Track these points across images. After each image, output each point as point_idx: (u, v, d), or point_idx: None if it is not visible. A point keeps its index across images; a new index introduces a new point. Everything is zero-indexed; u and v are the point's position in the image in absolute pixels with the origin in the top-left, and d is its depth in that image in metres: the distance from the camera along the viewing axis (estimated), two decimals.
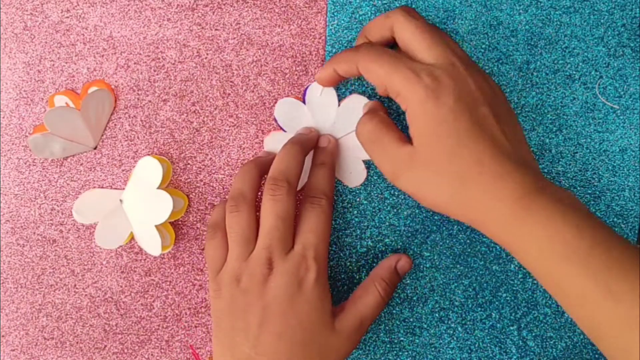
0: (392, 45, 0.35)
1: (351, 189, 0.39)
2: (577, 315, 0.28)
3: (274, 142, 0.38)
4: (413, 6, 0.38)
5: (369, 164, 0.38)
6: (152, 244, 0.37)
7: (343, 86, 0.38)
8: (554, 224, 0.28)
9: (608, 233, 0.28)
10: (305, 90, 0.38)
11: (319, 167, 0.36)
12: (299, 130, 0.38)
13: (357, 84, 0.38)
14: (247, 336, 0.32)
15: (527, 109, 0.39)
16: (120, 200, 0.37)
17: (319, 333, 0.33)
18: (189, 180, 0.39)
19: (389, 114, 0.37)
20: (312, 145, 0.37)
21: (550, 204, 0.28)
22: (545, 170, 0.39)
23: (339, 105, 0.38)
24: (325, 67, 0.35)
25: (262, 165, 0.36)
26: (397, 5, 0.38)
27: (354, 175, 0.38)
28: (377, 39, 0.34)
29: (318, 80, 0.36)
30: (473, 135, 0.30)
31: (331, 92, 0.37)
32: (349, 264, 0.39)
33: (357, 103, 0.37)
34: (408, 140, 0.31)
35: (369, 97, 0.38)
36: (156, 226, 0.36)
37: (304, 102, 0.38)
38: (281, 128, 0.38)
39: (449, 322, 0.39)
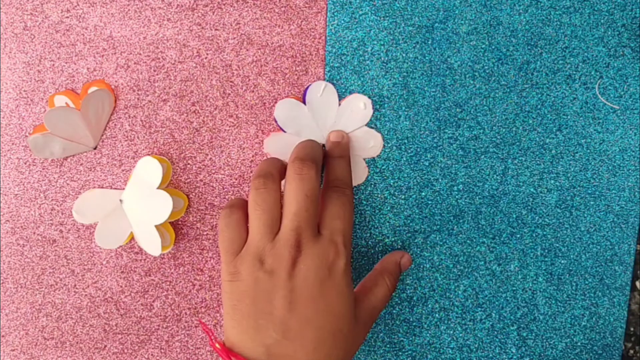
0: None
1: None
2: None
3: (274, 143, 0.38)
4: (413, 6, 0.38)
5: (369, 163, 0.38)
6: (152, 244, 0.37)
7: (343, 86, 0.38)
8: None
9: None
10: (305, 91, 0.38)
11: (338, 159, 0.36)
12: (301, 134, 0.38)
13: (357, 83, 0.38)
14: (273, 320, 0.31)
15: (527, 109, 0.39)
16: (120, 200, 0.37)
17: (345, 321, 0.32)
18: (189, 180, 0.39)
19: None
20: (321, 150, 0.37)
21: None
22: (545, 171, 0.39)
23: (339, 104, 0.38)
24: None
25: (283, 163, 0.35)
26: (397, 5, 0.38)
27: (356, 173, 0.38)
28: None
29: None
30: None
31: (331, 92, 0.37)
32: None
33: (358, 102, 0.37)
34: None
35: (369, 97, 0.38)
36: (156, 226, 0.36)
37: (304, 102, 0.38)
38: (281, 129, 0.38)
39: (449, 322, 0.39)
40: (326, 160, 0.36)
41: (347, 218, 0.33)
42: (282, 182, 0.34)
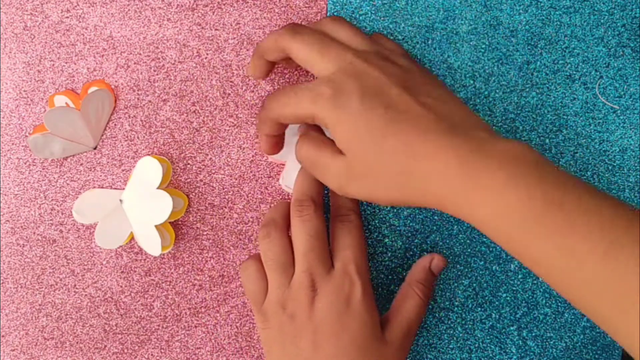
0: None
1: None
2: (548, 280, 0.27)
3: None
4: (413, 6, 0.38)
5: None
6: (152, 244, 0.37)
7: None
8: (503, 189, 0.26)
9: (562, 189, 0.26)
10: None
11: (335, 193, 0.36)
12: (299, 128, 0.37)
13: None
14: None
15: (527, 109, 0.39)
16: (120, 201, 0.37)
17: (372, 347, 0.32)
18: (189, 180, 0.39)
19: None
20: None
21: (496, 168, 0.27)
22: None
23: None
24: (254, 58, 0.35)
25: None
26: (397, 5, 0.38)
27: None
28: (275, 59, 0.34)
29: (254, 76, 0.36)
30: (390, 123, 0.29)
31: None
32: None
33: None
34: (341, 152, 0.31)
35: None
36: (156, 226, 0.36)
37: None
38: None
39: (449, 322, 0.39)
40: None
41: (355, 245, 0.33)
42: None
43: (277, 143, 0.35)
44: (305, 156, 0.33)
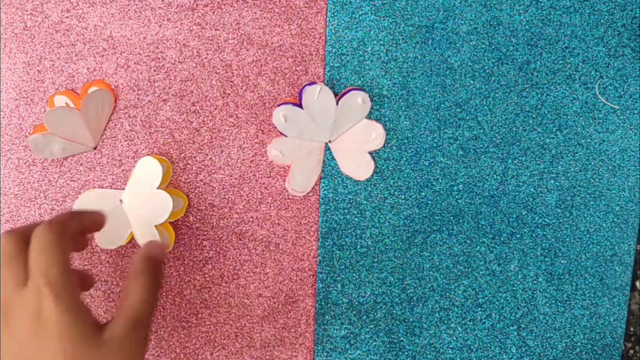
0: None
1: (351, 189, 0.39)
2: None
3: (277, 148, 0.38)
4: (413, 6, 0.38)
5: (374, 155, 0.38)
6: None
7: (343, 86, 0.38)
8: None
9: None
10: (300, 92, 0.38)
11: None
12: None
13: (357, 83, 0.38)
14: None
15: (527, 109, 0.39)
16: (120, 201, 0.37)
17: (83, 353, 0.30)
18: (189, 180, 0.39)
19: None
20: (92, 217, 0.34)
21: None
22: (545, 171, 0.39)
23: (337, 103, 0.38)
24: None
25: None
26: (397, 5, 0.38)
27: (362, 168, 0.38)
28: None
29: None
30: None
31: (327, 93, 0.37)
32: (349, 264, 0.39)
33: (355, 98, 0.37)
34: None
35: (369, 97, 0.38)
36: (156, 226, 0.36)
37: (300, 101, 0.38)
38: (282, 134, 0.38)
39: (449, 322, 0.39)
40: None
41: (46, 256, 0.30)
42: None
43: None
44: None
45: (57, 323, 0.29)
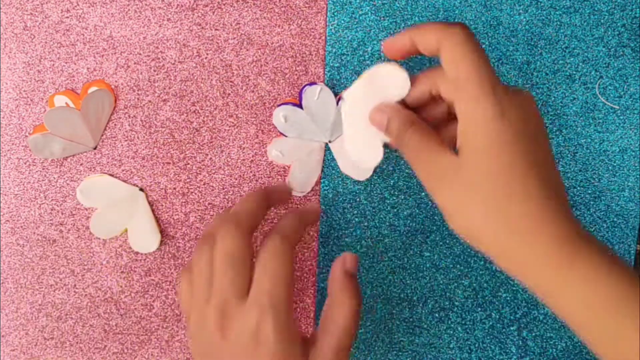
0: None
1: (351, 189, 0.39)
2: None
3: (278, 148, 0.38)
4: (413, 6, 0.38)
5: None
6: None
7: (343, 86, 0.38)
8: (600, 276, 0.26)
9: None
10: (300, 92, 0.38)
11: (289, 212, 0.34)
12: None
13: (353, 77, 0.38)
14: None
15: None
16: (341, 98, 0.34)
17: None
18: (189, 180, 0.39)
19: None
20: (280, 197, 0.35)
21: (596, 255, 0.26)
22: None
23: (337, 104, 0.38)
24: (403, 35, 0.31)
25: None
26: (397, 5, 0.38)
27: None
28: (422, 48, 0.30)
29: (386, 49, 0.32)
30: (526, 167, 0.27)
31: (327, 93, 0.37)
32: None
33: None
34: (452, 150, 0.29)
35: None
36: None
37: (300, 102, 0.38)
38: (282, 134, 0.38)
39: (449, 322, 0.39)
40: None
41: (274, 272, 0.30)
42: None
43: (407, 53, 0.31)
44: (408, 138, 0.30)
45: (274, 350, 0.29)
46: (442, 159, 0.29)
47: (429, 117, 0.32)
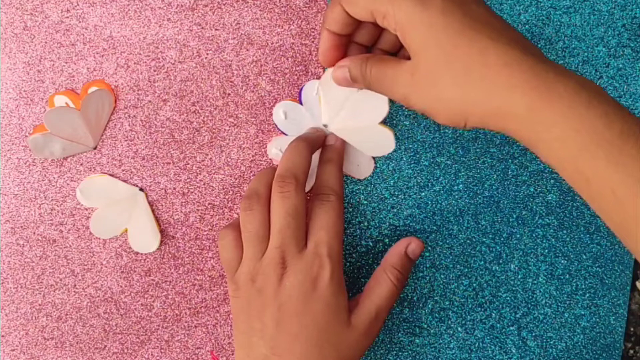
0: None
1: (351, 188, 0.39)
2: (603, 211, 0.26)
3: (277, 147, 0.38)
4: None
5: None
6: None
7: None
8: (577, 113, 0.25)
9: (638, 123, 0.25)
10: (300, 91, 0.38)
11: (326, 163, 0.36)
12: (307, 130, 0.37)
13: None
14: (264, 336, 0.32)
15: None
16: (325, 126, 0.36)
17: (334, 331, 0.32)
18: (189, 180, 0.39)
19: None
20: (319, 143, 0.37)
21: (572, 92, 0.26)
22: (546, 171, 0.39)
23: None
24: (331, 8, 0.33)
25: None
26: None
27: (363, 167, 0.38)
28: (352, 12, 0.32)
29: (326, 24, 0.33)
30: (467, 29, 0.28)
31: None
32: (349, 264, 0.39)
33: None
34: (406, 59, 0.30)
35: None
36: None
37: (300, 101, 0.38)
38: (282, 132, 0.38)
39: (449, 322, 0.39)
40: (318, 163, 0.36)
41: (331, 226, 0.33)
42: None
43: (337, 47, 0.34)
44: (369, 71, 0.32)
45: (327, 297, 0.32)
46: (403, 69, 0.30)
47: (384, 50, 0.35)
